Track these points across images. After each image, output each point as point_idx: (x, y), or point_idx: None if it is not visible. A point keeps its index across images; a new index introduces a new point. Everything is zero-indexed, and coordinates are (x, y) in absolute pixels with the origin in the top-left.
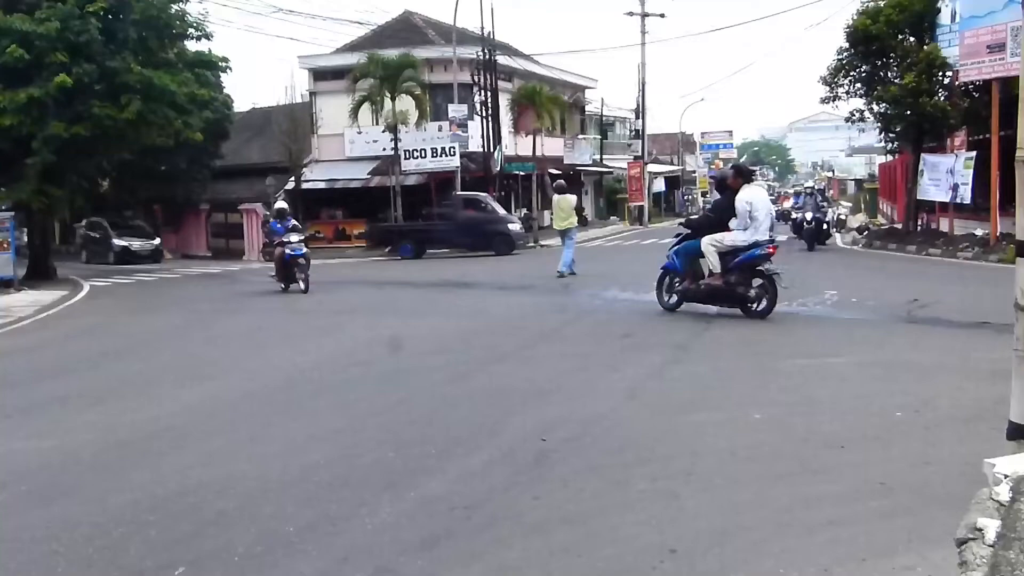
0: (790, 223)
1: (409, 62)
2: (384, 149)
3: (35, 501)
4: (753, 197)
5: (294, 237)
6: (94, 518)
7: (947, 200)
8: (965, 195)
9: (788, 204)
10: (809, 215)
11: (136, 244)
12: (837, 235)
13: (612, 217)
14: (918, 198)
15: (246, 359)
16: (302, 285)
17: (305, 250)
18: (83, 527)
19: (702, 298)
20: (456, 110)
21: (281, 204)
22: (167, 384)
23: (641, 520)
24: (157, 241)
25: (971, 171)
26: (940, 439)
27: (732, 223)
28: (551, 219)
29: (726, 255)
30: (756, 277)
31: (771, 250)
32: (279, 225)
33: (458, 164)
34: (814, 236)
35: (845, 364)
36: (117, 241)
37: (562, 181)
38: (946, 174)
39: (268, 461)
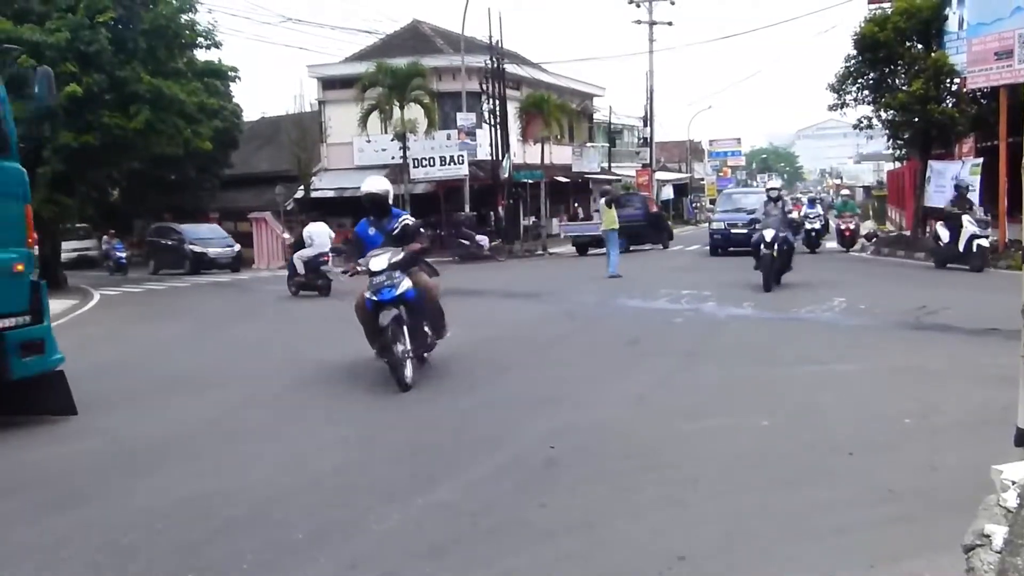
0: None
1: (418, 71)
2: (393, 158)
3: (45, 508)
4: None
5: (381, 262)
6: (104, 525)
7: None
8: None
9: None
10: (818, 224)
11: (213, 250)
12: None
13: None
14: (926, 205)
15: (255, 367)
16: (408, 373)
17: (403, 289)
18: (93, 534)
19: None
20: (464, 118)
21: (380, 185)
22: (176, 392)
23: (649, 527)
24: (237, 247)
25: (977, 177)
26: (948, 445)
27: None
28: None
29: None
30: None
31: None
32: (372, 230)
33: (467, 172)
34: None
35: (853, 370)
36: (192, 247)
37: (608, 187)
38: (951, 181)
39: (276, 468)
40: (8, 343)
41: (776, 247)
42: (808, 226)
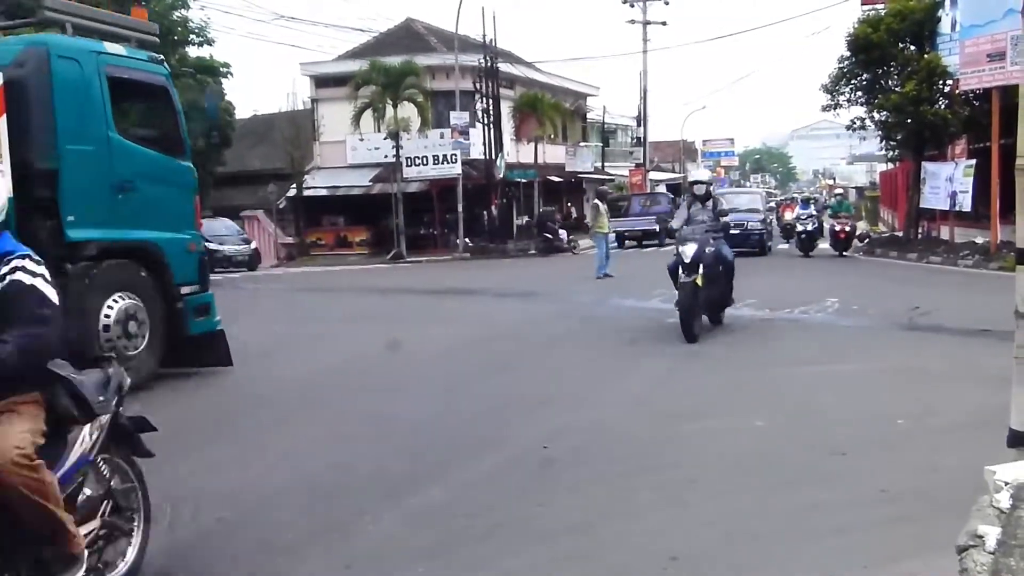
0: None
1: (411, 69)
2: (386, 156)
3: None
4: None
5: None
6: None
7: (946, 208)
8: (964, 203)
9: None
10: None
11: (228, 248)
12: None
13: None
14: (921, 206)
15: (245, 366)
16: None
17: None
18: None
19: None
20: (458, 117)
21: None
22: (170, 388)
23: (646, 527)
24: (253, 244)
25: (971, 179)
26: (942, 446)
27: None
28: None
29: None
30: None
31: None
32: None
33: (460, 171)
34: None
35: (848, 371)
36: (207, 244)
37: (602, 187)
38: (945, 182)
39: (270, 468)
40: (187, 306)
41: (702, 270)
42: (800, 228)
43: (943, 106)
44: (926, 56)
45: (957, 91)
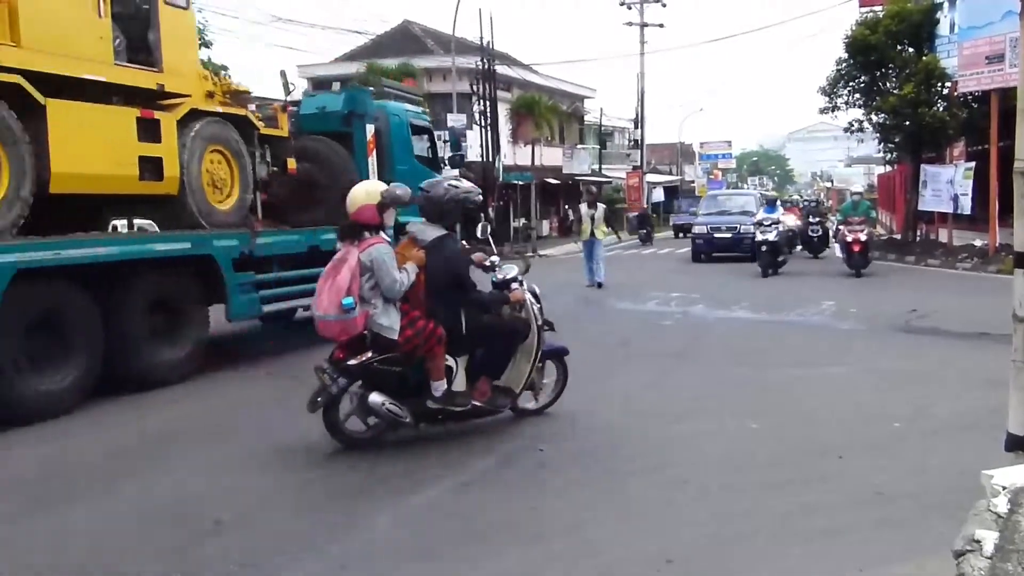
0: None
1: (408, 71)
2: None
3: (32, 509)
4: None
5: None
6: (91, 527)
7: (948, 211)
8: (966, 205)
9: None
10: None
11: None
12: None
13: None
14: (921, 209)
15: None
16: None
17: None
18: (79, 537)
19: None
20: (455, 119)
21: None
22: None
23: (638, 529)
24: None
25: (971, 181)
26: (938, 449)
27: None
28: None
29: None
30: None
31: None
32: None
33: (457, 173)
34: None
35: (843, 373)
36: None
37: (593, 188)
38: (946, 185)
39: (265, 471)
40: None
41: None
42: (761, 237)
43: (941, 108)
44: (924, 58)
45: (955, 93)
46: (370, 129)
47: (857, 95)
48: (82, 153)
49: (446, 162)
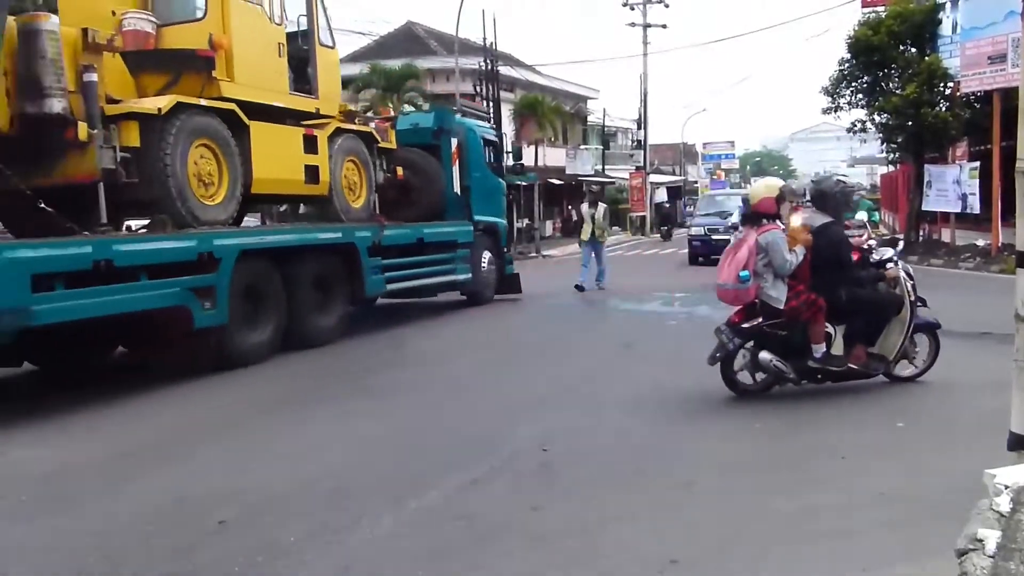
0: None
1: (411, 72)
2: None
3: (35, 510)
4: None
5: None
6: (94, 528)
7: (957, 211)
8: (975, 205)
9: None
10: None
11: None
12: None
13: (614, 228)
14: (925, 209)
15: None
16: None
17: None
18: (83, 537)
19: None
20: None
21: None
22: (169, 391)
23: (642, 530)
24: None
25: (976, 181)
26: (941, 449)
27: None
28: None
29: None
30: None
31: None
32: None
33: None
34: None
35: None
36: None
37: (595, 187)
38: (953, 185)
39: (269, 471)
40: (505, 258)
41: None
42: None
43: (944, 108)
44: (927, 58)
45: (958, 93)
46: (454, 143)
47: (860, 95)
48: (272, 163)
49: (508, 168)
